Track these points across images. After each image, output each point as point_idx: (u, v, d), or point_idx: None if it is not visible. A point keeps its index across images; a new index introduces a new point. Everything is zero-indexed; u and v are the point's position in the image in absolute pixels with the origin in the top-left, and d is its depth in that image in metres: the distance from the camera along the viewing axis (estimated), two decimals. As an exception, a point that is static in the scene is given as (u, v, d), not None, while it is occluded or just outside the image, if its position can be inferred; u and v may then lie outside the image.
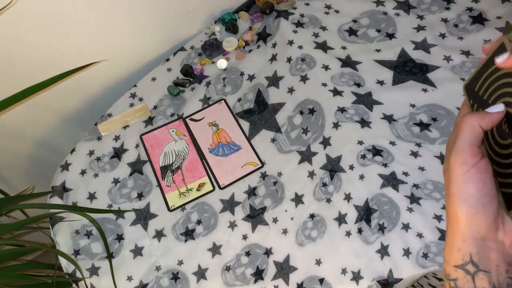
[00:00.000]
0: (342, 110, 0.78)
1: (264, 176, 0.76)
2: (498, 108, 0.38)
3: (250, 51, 0.90)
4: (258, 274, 0.69)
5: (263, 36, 0.91)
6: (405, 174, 0.71)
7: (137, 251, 0.73)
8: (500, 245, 0.37)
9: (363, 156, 0.74)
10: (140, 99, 0.88)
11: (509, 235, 0.37)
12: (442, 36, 0.84)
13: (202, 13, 0.93)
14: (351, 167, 0.73)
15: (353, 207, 0.70)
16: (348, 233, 0.69)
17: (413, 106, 0.77)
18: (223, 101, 0.85)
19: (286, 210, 0.72)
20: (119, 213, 0.76)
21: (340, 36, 0.88)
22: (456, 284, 0.38)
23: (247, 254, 0.70)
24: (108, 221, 0.76)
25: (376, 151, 0.74)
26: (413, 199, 0.69)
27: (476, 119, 0.37)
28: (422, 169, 0.72)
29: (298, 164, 0.76)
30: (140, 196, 0.77)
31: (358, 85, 0.81)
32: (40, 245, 0.75)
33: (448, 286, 0.39)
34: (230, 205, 0.75)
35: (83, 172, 0.81)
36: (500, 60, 0.38)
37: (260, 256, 0.70)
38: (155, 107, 0.87)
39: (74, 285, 0.72)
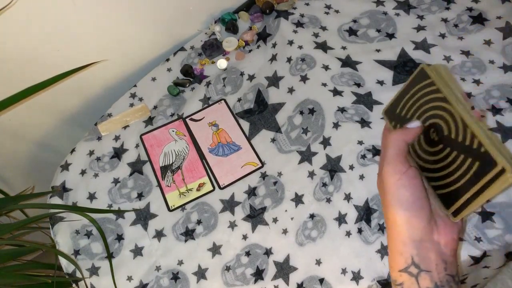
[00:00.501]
0: (342, 110, 0.78)
1: (264, 176, 0.76)
2: (415, 124, 0.44)
3: (250, 51, 0.90)
4: (258, 274, 0.69)
5: (263, 36, 0.91)
6: (405, 174, 0.71)
7: (137, 251, 0.73)
8: (436, 245, 0.39)
9: (363, 156, 0.74)
10: (140, 99, 0.88)
11: (442, 235, 0.40)
12: (442, 36, 0.84)
13: (202, 13, 0.94)
14: (351, 167, 0.73)
15: (353, 207, 0.70)
16: (348, 233, 0.69)
17: (413, 106, 0.77)
18: (223, 101, 0.85)
19: (286, 210, 0.72)
20: (119, 213, 0.76)
21: (340, 36, 0.88)
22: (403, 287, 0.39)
23: (247, 254, 0.70)
24: (108, 221, 0.76)
25: (376, 151, 0.74)
26: (413, 199, 0.69)
27: (398, 135, 0.42)
28: (422, 169, 0.72)
29: (298, 164, 0.76)
30: (140, 196, 0.77)
31: (358, 85, 0.81)
32: (40, 245, 0.75)
33: None
34: (230, 205, 0.75)
35: (83, 172, 0.81)
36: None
37: (260, 256, 0.70)
38: (155, 107, 0.87)
39: (74, 285, 0.72)
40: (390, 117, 0.50)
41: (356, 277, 0.65)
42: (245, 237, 0.72)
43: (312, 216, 0.71)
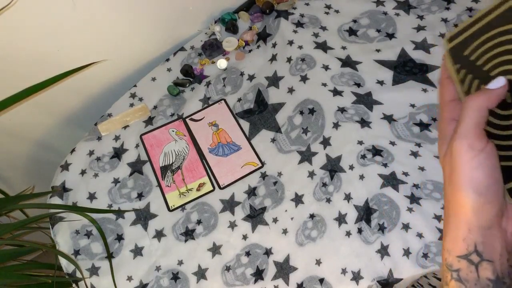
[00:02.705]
0: (342, 110, 0.78)
1: (264, 176, 0.76)
2: (501, 83, 0.35)
3: (250, 51, 0.90)
4: (258, 274, 0.69)
5: (263, 36, 0.91)
6: (405, 174, 0.71)
7: (137, 251, 0.73)
8: (503, 233, 0.36)
9: (363, 156, 0.74)
10: (140, 99, 0.88)
11: (511, 222, 0.36)
12: (442, 36, 0.84)
13: (202, 13, 0.93)
14: (351, 167, 0.73)
15: (353, 207, 0.70)
16: (348, 233, 0.69)
17: (413, 106, 0.77)
18: (223, 101, 0.85)
19: (286, 210, 0.72)
20: (119, 213, 0.76)
21: (340, 36, 0.88)
22: (459, 274, 0.36)
23: (247, 254, 0.70)
24: (108, 221, 0.76)
25: (376, 151, 0.74)
26: (413, 199, 0.69)
27: (482, 100, 0.34)
28: (422, 169, 0.72)
29: (298, 164, 0.76)
30: (140, 196, 0.77)
31: (358, 85, 0.81)
32: (40, 245, 0.75)
33: (450, 276, 0.37)
34: (230, 205, 0.75)
35: (83, 172, 0.81)
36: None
37: (260, 256, 0.70)
38: (155, 107, 0.87)
39: (74, 285, 0.72)
40: (455, 58, 0.39)
41: (356, 277, 0.65)
42: (245, 237, 0.72)
43: (312, 216, 0.71)
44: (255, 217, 0.73)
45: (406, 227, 0.68)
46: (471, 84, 0.38)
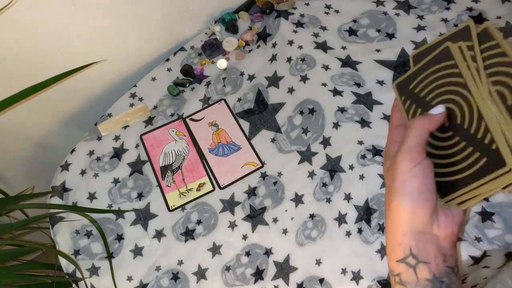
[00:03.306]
0: (342, 110, 0.78)
1: (264, 176, 0.76)
2: (440, 109, 0.41)
3: (250, 51, 0.90)
4: (258, 274, 0.69)
5: (263, 36, 0.91)
6: (405, 174, 0.71)
7: (137, 251, 0.73)
8: (435, 238, 0.39)
9: (363, 156, 0.74)
10: (140, 99, 0.88)
11: (442, 229, 0.39)
12: (442, 36, 0.84)
13: (202, 13, 0.94)
14: (351, 167, 0.73)
15: (353, 207, 0.70)
16: (348, 233, 0.69)
17: (413, 106, 0.77)
18: (223, 101, 0.85)
19: (286, 210, 0.72)
20: (119, 213, 0.76)
21: (340, 36, 0.88)
22: (400, 278, 0.39)
23: (247, 254, 0.70)
24: (108, 221, 0.76)
25: (376, 151, 0.74)
26: (413, 199, 0.69)
27: (424, 122, 0.40)
28: (422, 169, 0.72)
29: (298, 164, 0.76)
30: (140, 196, 0.77)
31: (358, 85, 0.81)
32: (40, 245, 0.75)
33: (394, 282, 0.40)
34: (230, 205, 0.75)
35: (83, 172, 0.81)
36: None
37: (260, 256, 0.70)
38: (155, 107, 0.87)
39: (74, 285, 0.72)
40: (401, 91, 0.47)
41: (356, 277, 0.65)
42: (245, 237, 0.72)
43: (312, 216, 0.71)
44: (255, 217, 0.73)
45: (406, 227, 0.67)
46: (415, 112, 0.45)
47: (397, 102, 0.48)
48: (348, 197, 0.71)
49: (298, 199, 0.73)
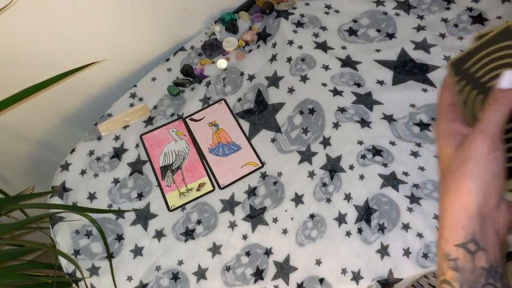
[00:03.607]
0: (342, 110, 0.78)
1: (264, 176, 0.76)
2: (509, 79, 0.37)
3: (250, 51, 0.90)
4: (258, 274, 0.69)
5: (263, 36, 0.91)
6: (405, 174, 0.71)
7: (137, 251, 0.73)
8: (496, 224, 0.37)
9: (363, 156, 0.74)
10: (140, 99, 0.88)
11: (502, 214, 0.38)
12: (442, 36, 0.84)
13: (202, 13, 0.93)
14: (351, 167, 0.73)
15: (353, 207, 0.70)
16: (348, 233, 0.69)
17: (413, 106, 0.77)
18: (223, 101, 0.85)
19: (286, 210, 0.72)
20: (119, 213, 0.76)
21: (340, 36, 0.88)
22: (457, 264, 0.37)
23: (247, 254, 0.70)
24: (108, 221, 0.76)
25: (376, 151, 0.74)
26: (413, 199, 0.69)
27: (506, 103, 0.36)
28: (422, 169, 0.72)
29: (298, 164, 0.76)
30: (140, 196, 0.77)
31: (358, 85, 0.81)
32: (40, 245, 0.75)
33: (447, 266, 0.38)
34: (230, 205, 0.75)
35: (83, 172, 0.81)
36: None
37: (260, 256, 0.70)
38: (155, 107, 0.87)
39: (74, 285, 0.72)
40: (456, 71, 0.43)
41: (356, 277, 0.65)
42: (245, 237, 0.72)
43: (312, 216, 0.71)
44: (255, 217, 0.73)
45: (406, 227, 0.68)
46: (469, 93, 0.42)
47: (449, 81, 0.45)
48: (348, 197, 0.71)
49: (298, 199, 0.73)
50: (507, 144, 0.39)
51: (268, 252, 0.70)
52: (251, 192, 0.75)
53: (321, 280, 0.66)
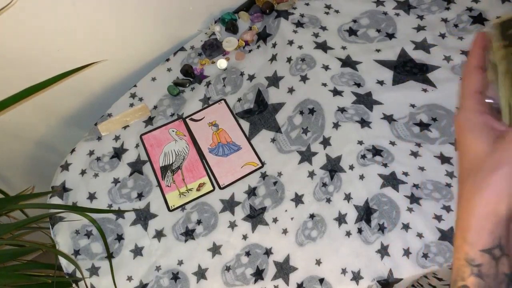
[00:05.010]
0: (342, 110, 0.78)
1: (264, 176, 0.76)
2: None
3: (250, 51, 0.90)
4: (258, 274, 0.69)
5: (263, 36, 0.91)
6: (405, 174, 0.71)
7: (137, 251, 0.73)
8: None
9: (363, 156, 0.74)
10: (140, 99, 0.88)
11: None
12: (442, 36, 0.84)
13: (202, 13, 0.93)
14: (351, 167, 0.73)
15: (353, 207, 0.70)
16: (348, 233, 0.69)
17: (413, 106, 0.77)
18: (223, 101, 0.85)
19: (286, 210, 0.72)
20: (119, 213, 0.76)
21: (340, 36, 0.88)
22: (480, 270, 0.35)
23: (247, 254, 0.70)
24: (108, 221, 0.76)
25: (376, 151, 0.74)
26: (413, 199, 0.69)
27: None
28: (422, 169, 0.72)
29: (298, 164, 0.76)
30: (140, 196, 0.77)
31: (358, 85, 0.81)
32: (40, 245, 0.75)
33: (470, 272, 0.36)
34: (230, 205, 0.75)
35: (83, 172, 0.81)
36: None
37: (260, 256, 0.70)
38: (155, 107, 0.87)
39: (74, 285, 0.72)
40: (504, 34, 0.37)
41: (356, 277, 0.65)
42: (245, 237, 0.72)
43: (312, 216, 0.71)
44: (255, 217, 0.73)
45: (406, 227, 0.68)
46: None
47: (478, 62, 0.40)
48: (348, 197, 0.71)
49: (298, 199, 0.73)
50: None
51: (268, 252, 0.70)
52: (251, 192, 0.75)
53: (321, 280, 0.66)
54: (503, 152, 0.34)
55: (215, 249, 0.71)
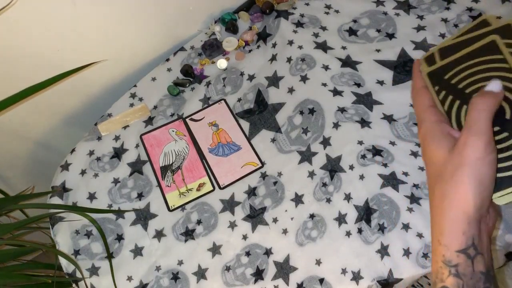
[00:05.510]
0: (342, 110, 0.78)
1: (264, 176, 0.76)
2: (498, 86, 0.37)
3: (250, 51, 0.90)
4: (258, 274, 0.69)
5: (263, 36, 0.91)
6: (405, 174, 0.71)
7: (137, 251, 0.73)
8: (488, 229, 0.38)
9: (363, 156, 0.74)
10: (140, 99, 0.88)
11: (491, 217, 0.38)
12: (442, 36, 0.84)
13: (202, 13, 0.93)
14: (351, 167, 0.73)
15: (353, 207, 0.70)
16: (348, 233, 0.69)
17: (413, 106, 0.77)
18: (223, 101, 0.85)
19: (286, 210, 0.72)
20: (119, 213, 0.76)
21: (340, 36, 0.88)
22: (457, 270, 0.37)
23: (247, 254, 0.70)
24: (108, 221, 0.76)
25: (376, 151, 0.74)
26: (413, 199, 0.69)
27: (490, 100, 0.36)
28: (422, 169, 0.72)
29: (298, 164, 0.76)
30: (140, 196, 0.77)
31: (358, 85, 0.81)
32: (40, 245, 0.75)
33: (448, 273, 0.37)
34: (230, 205, 0.75)
35: (83, 172, 0.81)
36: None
37: (260, 256, 0.70)
38: (155, 107, 0.87)
39: (74, 285, 0.72)
40: (434, 80, 0.43)
41: (356, 277, 0.65)
42: (245, 237, 0.72)
43: (312, 216, 0.71)
44: (255, 217, 0.73)
45: (406, 227, 0.68)
46: (453, 103, 0.42)
47: (423, 83, 0.45)
48: (348, 197, 0.71)
49: (298, 199, 0.73)
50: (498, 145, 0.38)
51: (268, 252, 0.70)
52: (251, 192, 0.75)
53: (321, 280, 0.66)
54: (459, 155, 0.37)
55: (215, 249, 0.71)
